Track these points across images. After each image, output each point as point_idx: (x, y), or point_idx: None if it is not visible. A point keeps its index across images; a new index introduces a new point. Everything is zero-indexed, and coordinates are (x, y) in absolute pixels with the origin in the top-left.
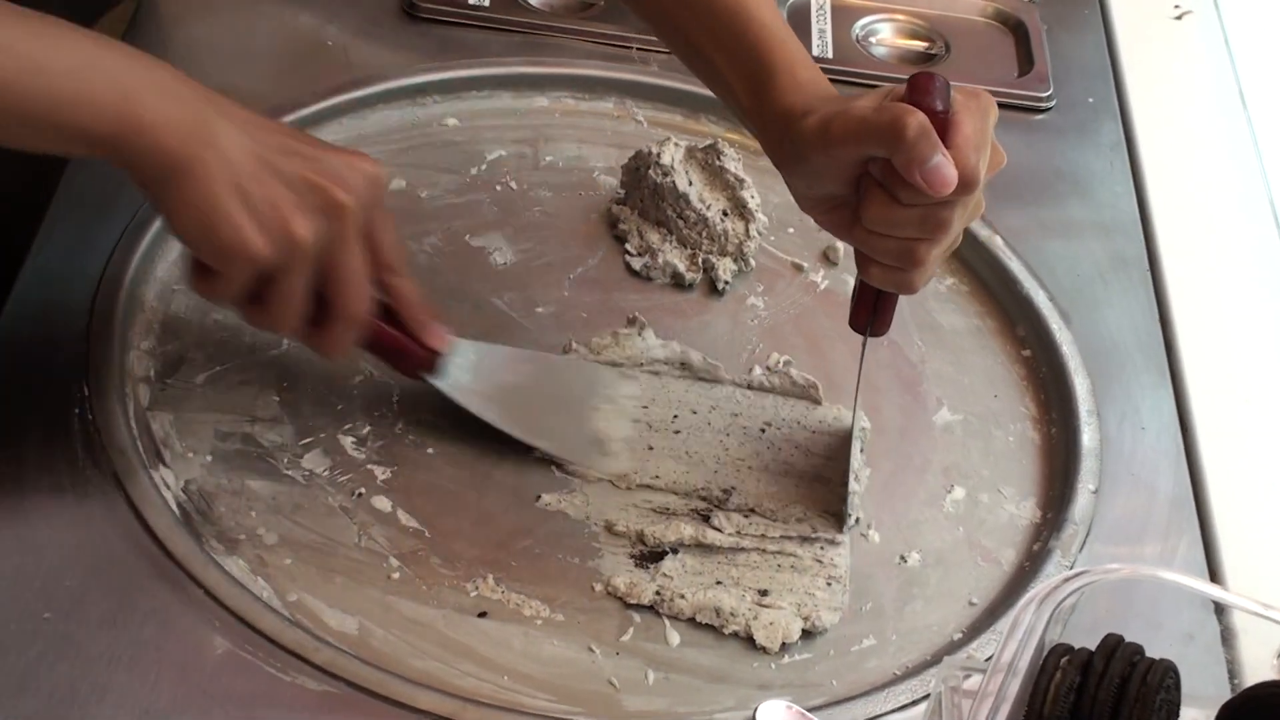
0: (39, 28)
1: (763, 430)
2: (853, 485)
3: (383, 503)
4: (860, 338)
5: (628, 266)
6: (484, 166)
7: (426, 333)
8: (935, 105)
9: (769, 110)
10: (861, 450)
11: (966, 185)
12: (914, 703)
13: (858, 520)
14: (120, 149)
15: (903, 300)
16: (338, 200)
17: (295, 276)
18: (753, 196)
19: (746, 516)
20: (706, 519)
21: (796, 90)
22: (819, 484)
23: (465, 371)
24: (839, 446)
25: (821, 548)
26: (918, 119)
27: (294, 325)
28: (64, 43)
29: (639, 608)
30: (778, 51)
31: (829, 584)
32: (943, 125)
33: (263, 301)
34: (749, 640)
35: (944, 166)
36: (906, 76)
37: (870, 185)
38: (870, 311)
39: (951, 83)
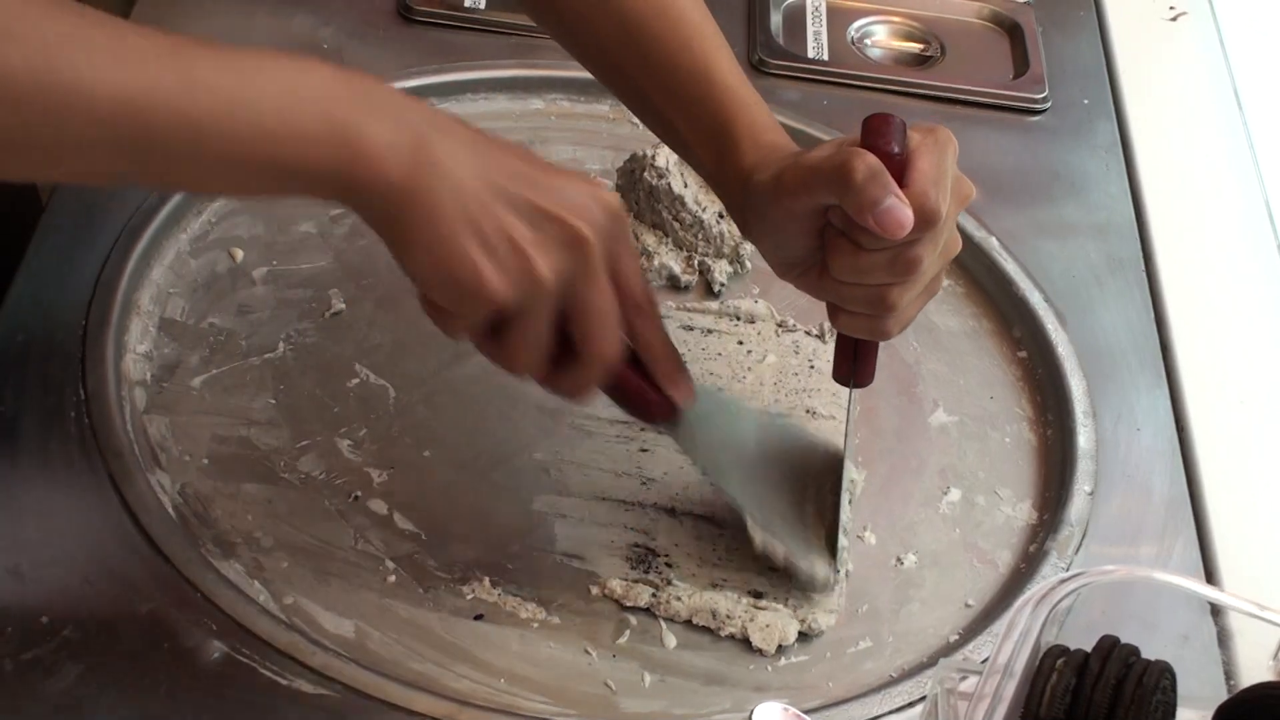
0: (233, 59)
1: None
2: (841, 541)
3: (379, 506)
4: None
5: None
6: None
7: (671, 383)
8: (891, 148)
9: (731, 175)
10: (850, 503)
11: (927, 222)
12: (910, 705)
13: (847, 574)
14: (340, 185)
15: None
16: (579, 234)
17: (538, 317)
18: None
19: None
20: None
21: (757, 152)
22: (809, 516)
23: (704, 424)
24: (829, 475)
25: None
26: (866, 161)
27: (536, 367)
28: (264, 71)
29: (635, 610)
30: (741, 117)
31: None
32: (899, 166)
33: (502, 338)
34: (745, 642)
35: (896, 208)
36: (900, 77)
37: (832, 235)
38: (850, 361)
39: (909, 122)
